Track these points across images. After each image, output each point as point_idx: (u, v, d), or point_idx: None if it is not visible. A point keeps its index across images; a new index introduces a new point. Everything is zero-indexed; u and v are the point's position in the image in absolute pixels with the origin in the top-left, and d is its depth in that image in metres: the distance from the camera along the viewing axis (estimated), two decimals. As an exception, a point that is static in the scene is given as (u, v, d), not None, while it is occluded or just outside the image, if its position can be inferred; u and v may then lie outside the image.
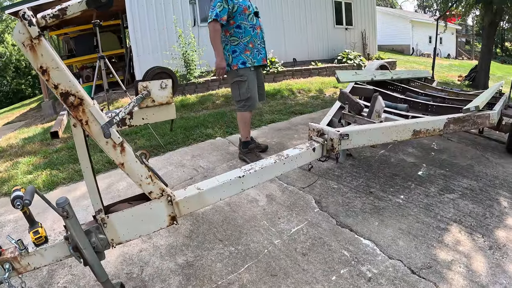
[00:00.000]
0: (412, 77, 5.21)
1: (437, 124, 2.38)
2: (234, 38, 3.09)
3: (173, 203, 1.51)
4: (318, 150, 2.03)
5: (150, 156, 1.78)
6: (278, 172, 1.86)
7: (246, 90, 3.13)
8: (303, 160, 1.97)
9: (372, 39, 12.69)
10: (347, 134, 2.04)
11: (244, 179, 1.67)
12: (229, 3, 2.96)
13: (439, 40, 23.00)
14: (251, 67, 3.11)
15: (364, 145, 2.17)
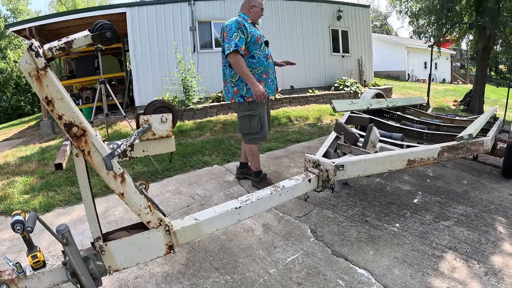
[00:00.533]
0: (408, 105, 5.33)
1: (431, 153, 2.45)
2: (248, 68, 2.99)
3: (170, 233, 1.55)
4: (314, 181, 2.08)
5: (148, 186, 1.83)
6: (275, 203, 1.91)
7: (257, 124, 3.08)
8: (299, 191, 2.01)
9: (368, 66, 12.98)
10: (342, 165, 2.09)
11: (241, 210, 1.72)
12: (244, 32, 2.91)
13: (434, 66, 23.55)
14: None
15: (360, 175, 2.22)
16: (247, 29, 2.94)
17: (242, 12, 3.15)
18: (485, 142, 2.82)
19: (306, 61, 11.44)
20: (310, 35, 11.47)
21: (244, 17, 3.10)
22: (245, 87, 3.04)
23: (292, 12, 11.10)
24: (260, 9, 3.12)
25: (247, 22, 3.05)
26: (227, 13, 10.19)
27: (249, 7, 3.11)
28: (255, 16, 3.13)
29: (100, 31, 1.40)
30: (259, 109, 3.09)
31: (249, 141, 3.20)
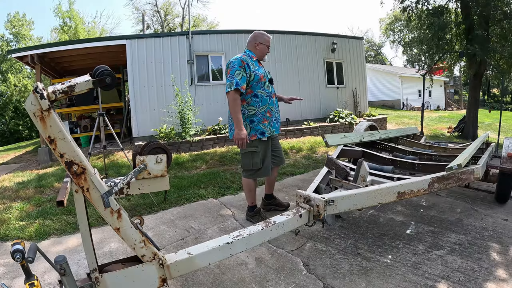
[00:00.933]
0: (401, 135, 5.46)
1: (421, 184, 2.50)
2: (251, 107, 3.03)
3: (164, 266, 1.61)
4: (305, 216, 2.13)
5: (143, 222, 1.90)
6: (266, 238, 1.95)
7: (259, 160, 3.10)
8: (290, 226, 2.06)
9: (362, 97, 13.28)
10: (332, 200, 2.14)
11: (233, 245, 1.77)
12: (247, 70, 2.94)
13: (428, 93, 24.05)
14: (263, 138, 3.08)
15: (350, 209, 2.28)
16: (250, 68, 2.97)
17: (248, 49, 3.21)
18: (475, 170, 2.89)
19: (301, 94, 11.69)
20: (305, 68, 11.83)
21: (250, 54, 3.14)
22: (249, 126, 3.07)
23: (287, 45, 11.53)
24: (266, 46, 3.19)
25: (252, 59, 3.09)
26: (224, 47, 10.57)
27: (255, 44, 3.17)
28: (261, 53, 3.18)
29: (101, 76, 1.50)
30: (261, 146, 3.12)
31: (248, 176, 3.22)
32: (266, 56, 3.25)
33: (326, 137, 3.72)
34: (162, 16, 32.83)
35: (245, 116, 3.07)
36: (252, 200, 3.35)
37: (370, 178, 2.81)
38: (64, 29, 23.77)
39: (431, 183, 2.56)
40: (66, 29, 23.70)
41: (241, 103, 3.01)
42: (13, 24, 26.19)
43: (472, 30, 9.23)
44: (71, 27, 23.51)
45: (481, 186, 4.26)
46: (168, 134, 8.44)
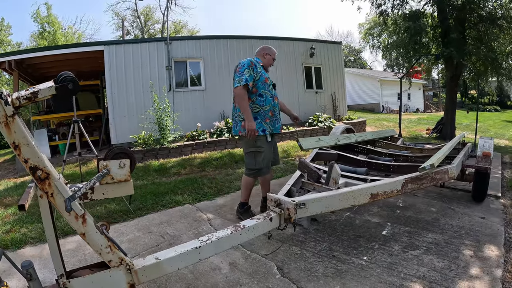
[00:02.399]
0: (378, 138, 5.50)
1: (394, 185, 2.51)
2: (256, 105, 3.24)
3: (131, 272, 1.60)
4: (276, 219, 2.09)
5: (110, 227, 1.82)
6: (235, 242, 1.92)
7: (262, 160, 3.25)
8: (261, 230, 2.02)
9: (341, 101, 13.41)
10: (303, 203, 2.11)
11: (201, 249, 1.74)
12: (254, 71, 3.20)
13: (407, 96, 24.62)
14: (267, 137, 3.26)
15: (322, 212, 2.24)
16: (257, 69, 3.24)
17: (257, 57, 3.51)
18: (450, 170, 2.92)
19: (281, 98, 11.53)
20: (284, 73, 11.88)
21: (258, 61, 3.39)
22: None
23: (266, 50, 11.51)
24: (272, 58, 3.53)
25: (259, 64, 3.35)
26: (203, 53, 10.52)
27: (264, 54, 3.51)
28: (267, 62, 3.50)
29: (63, 83, 1.52)
30: (266, 146, 3.26)
31: (249, 174, 3.38)
32: (270, 66, 3.57)
33: (300, 140, 3.68)
34: (143, 22, 32.51)
35: None
36: (245, 198, 3.49)
37: (343, 181, 2.79)
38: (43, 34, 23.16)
39: (405, 184, 2.56)
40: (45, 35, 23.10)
41: None
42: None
43: (448, 33, 9.41)
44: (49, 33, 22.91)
45: (458, 186, 4.31)
46: (147, 140, 8.31)
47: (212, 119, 9.90)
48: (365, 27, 34.39)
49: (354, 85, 25.45)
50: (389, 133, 6.11)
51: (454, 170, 2.96)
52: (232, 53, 10.92)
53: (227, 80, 10.55)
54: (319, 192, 2.45)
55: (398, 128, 8.37)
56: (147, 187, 5.37)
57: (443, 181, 2.99)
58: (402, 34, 10.25)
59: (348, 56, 42.10)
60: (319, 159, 4.05)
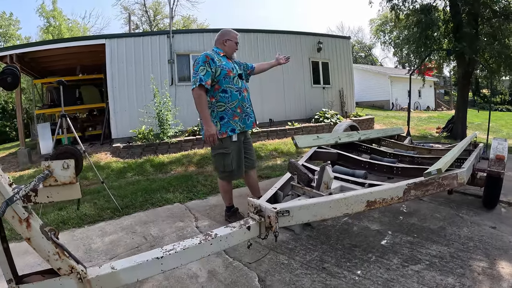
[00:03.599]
0: (383, 136, 5.18)
1: (395, 192, 2.22)
2: (221, 103, 2.93)
3: (83, 281, 1.47)
4: (254, 228, 1.84)
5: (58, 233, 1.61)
6: (205, 253, 1.68)
7: (230, 162, 3.00)
8: (236, 239, 1.77)
9: (349, 97, 13.04)
10: (287, 210, 1.86)
11: (163, 260, 1.56)
12: (211, 66, 2.85)
13: (418, 93, 24.01)
14: (233, 136, 2.99)
15: (309, 220, 1.98)
16: (215, 63, 2.88)
17: (216, 46, 3.13)
18: (459, 175, 2.60)
19: (286, 94, 11.44)
20: (290, 67, 11.52)
21: (217, 51, 3.05)
22: (219, 123, 2.95)
23: (271, 44, 11.24)
24: (234, 43, 3.11)
25: (219, 55, 3.00)
26: (206, 46, 10.25)
27: (223, 41, 3.09)
28: (229, 49, 3.10)
29: (1, 76, 1.48)
30: (232, 147, 3.01)
31: (222, 178, 3.17)
32: (235, 54, 3.18)
33: (296, 138, 3.40)
34: (151, 16, 32.40)
35: (214, 113, 2.96)
36: (228, 201, 3.29)
37: (339, 184, 2.51)
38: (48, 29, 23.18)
39: (407, 190, 2.27)
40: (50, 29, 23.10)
41: (210, 100, 2.94)
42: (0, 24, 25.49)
43: (461, 28, 9.01)
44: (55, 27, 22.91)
45: (468, 190, 3.94)
46: (146, 135, 8.18)
47: None
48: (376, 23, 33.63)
49: (364, 82, 24.91)
50: (396, 131, 5.78)
51: (464, 175, 2.64)
52: (236, 46, 10.64)
53: (231, 74, 10.36)
54: (309, 198, 2.18)
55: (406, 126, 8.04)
56: (140, 184, 5.21)
57: (451, 188, 2.68)
58: (413, 29, 9.84)
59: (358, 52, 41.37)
60: (317, 158, 3.77)
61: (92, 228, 3.43)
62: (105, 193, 4.41)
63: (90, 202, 4.28)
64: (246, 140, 3.25)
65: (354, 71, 26.26)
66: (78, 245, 2.99)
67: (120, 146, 8.21)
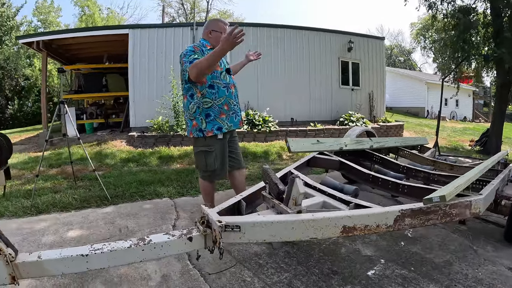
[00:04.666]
0: (402, 146, 4.68)
1: (382, 218, 1.81)
2: (207, 99, 2.72)
3: (10, 264, 1.42)
4: (198, 240, 1.60)
5: None
6: (136, 258, 1.53)
7: (213, 161, 2.79)
8: (174, 249, 1.58)
9: (380, 101, 12.29)
10: (238, 226, 1.57)
11: (89, 258, 1.47)
12: (199, 56, 2.61)
13: (455, 102, 22.55)
14: (219, 135, 2.77)
15: (266, 241, 1.66)
16: (204, 53, 2.65)
17: (203, 38, 2.90)
18: (474, 203, 2.10)
19: (312, 93, 10.96)
20: (318, 66, 11.06)
21: (204, 43, 2.82)
22: (204, 121, 2.74)
23: (298, 41, 10.80)
24: (221, 34, 2.77)
25: (206, 48, 2.76)
26: (230, 40, 10.02)
27: (208, 32, 2.85)
28: (215, 42, 2.76)
29: None
30: (216, 145, 2.78)
31: (204, 178, 2.93)
32: None
33: (289, 141, 3.02)
34: (188, 9, 32.73)
35: (200, 110, 2.74)
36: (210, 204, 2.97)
37: (321, 200, 2.14)
38: (82, 17, 24.01)
39: (400, 218, 1.85)
40: (84, 18, 23.90)
41: (196, 95, 2.73)
42: (40, 11, 26.71)
43: (501, 33, 8.15)
44: (89, 16, 23.68)
45: (491, 216, 3.35)
46: (161, 126, 8.16)
47: None
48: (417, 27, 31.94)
49: (399, 86, 23.75)
50: (419, 141, 5.24)
51: (481, 204, 2.14)
52: (262, 42, 10.31)
53: (254, 69, 10.03)
54: (276, 212, 1.85)
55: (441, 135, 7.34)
56: (139, 175, 5.13)
57: (462, 218, 2.22)
58: (450, 32, 9.04)
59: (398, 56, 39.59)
60: (316, 165, 3.39)
61: (77, 214, 3.46)
62: (102, 180, 4.35)
63: (85, 189, 4.32)
64: (231, 139, 3.03)
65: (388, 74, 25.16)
66: (57, 230, 3.03)
67: (135, 135, 8.21)
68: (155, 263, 2.33)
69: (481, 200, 2.14)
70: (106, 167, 5.98)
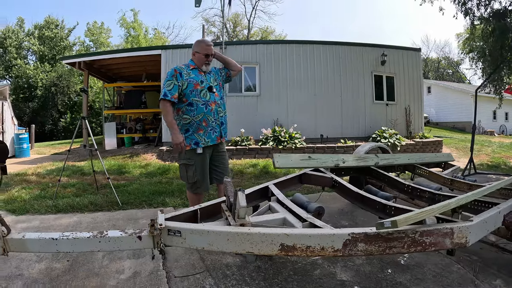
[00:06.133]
0: (418, 163, 4.39)
1: (328, 240, 1.69)
2: (186, 116, 2.94)
3: (2, 239, 1.75)
4: (146, 240, 1.76)
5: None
6: (94, 247, 1.78)
7: (193, 174, 2.97)
8: (125, 245, 1.77)
9: (417, 116, 11.62)
10: (179, 231, 1.71)
11: (58, 242, 1.76)
12: (178, 80, 2.88)
13: (505, 116, 20.75)
14: (198, 149, 2.95)
15: (205, 248, 1.75)
16: (183, 76, 2.91)
17: (190, 58, 3.13)
18: (457, 231, 1.81)
19: (344, 109, 10.73)
20: (349, 81, 10.83)
21: (189, 64, 3.07)
22: (184, 135, 2.95)
23: (329, 55, 10.72)
24: (203, 55, 3.02)
25: (188, 68, 3.00)
26: (259, 58, 10.26)
27: (193, 53, 3.09)
28: (198, 62, 3.05)
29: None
30: (196, 158, 2.96)
31: (188, 189, 3.12)
32: (205, 65, 3.07)
33: (275, 156, 2.99)
34: (230, 27, 33.90)
35: (180, 125, 2.97)
36: None
37: (283, 216, 2.09)
38: (128, 39, 25.82)
39: (350, 242, 1.70)
40: (130, 39, 25.70)
41: (177, 112, 2.99)
42: (92, 32, 29.55)
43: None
44: (134, 37, 25.41)
45: (509, 245, 2.85)
46: None
47: (265, 125, 9.59)
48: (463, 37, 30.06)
49: (443, 100, 22.40)
50: (441, 158, 4.89)
51: (468, 233, 1.82)
52: (291, 58, 10.41)
53: (283, 86, 10.16)
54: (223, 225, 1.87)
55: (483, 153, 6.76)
56: (154, 186, 5.44)
57: (441, 248, 1.85)
58: (487, 38, 8.41)
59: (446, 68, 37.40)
60: (309, 182, 3.29)
61: (88, 215, 3.92)
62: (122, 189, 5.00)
63: (104, 195, 4.80)
64: (217, 153, 3.17)
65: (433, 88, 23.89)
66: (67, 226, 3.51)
67: (164, 149, 8.59)
68: (133, 261, 2.61)
69: (469, 227, 1.83)
70: (131, 177, 6.40)
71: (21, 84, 25.95)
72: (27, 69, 25.73)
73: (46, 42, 28.24)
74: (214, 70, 3.23)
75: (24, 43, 28.48)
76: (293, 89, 10.31)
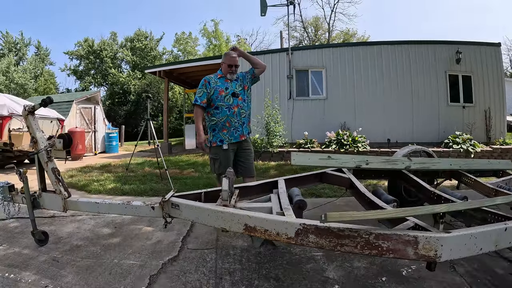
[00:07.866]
0: (463, 169, 4.10)
1: (282, 227, 1.86)
2: (213, 118, 3.48)
3: (63, 200, 2.69)
4: (157, 210, 2.39)
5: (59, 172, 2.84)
6: (121, 211, 2.56)
7: (218, 166, 3.48)
8: (143, 212, 2.47)
9: (499, 119, 10.20)
10: (177, 205, 2.29)
11: (99, 205, 2.59)
12: (207, 88, 3.43)
13: None
14: (223, 146, 3.44)
15: (193, 221, 2.30)
16: (211, 84, 3.44)
17: (220, 68, 3.63)
18: (422, 241, 1.62)
19: (415, 112, 10.15)
20: (421, 82, 10.18)
21: (218, 73, 3.57)
22: (211, 134, 3.54)
23: (397, 56, 10.28)
24: (227, 65, 3.48)
25: (217, 77, 3.52)
26: (325, 62, 10.39)
27: (221, 63, 3.60)
28: (224, 71, 3.54)
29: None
30: (221, 154, 3.47)
31: (216, 180, 3.68)
32: (229, 74, 3.50)
33: (293, 155, 3.21)
34: (312, 32, 33.99)
35: (209, 125, 3.56)
36: None
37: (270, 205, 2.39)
38: (210, 47, 27.57)
39: (302, 232, 1.80)
40: (211, 48, 27.41)
41: (207, 115, 3.56)
42: (179, 42, 32.55)
43: None
44: (216, 46, 27.00)
45: None
46: (255, 142, 9.05)
47: (332, 129, 9.69)
48: None
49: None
50: (496, 165, 4.34)
51: (438, 246, 1.62)
52: (358, 61, 10.29)
53: (350, 90, 10.17)
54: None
55: None
56: (211, 179, 5.98)
57: (403, 257, 1.70)
58: None
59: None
60: (328, 181, 3.50)
61: (144, 199, 4.81)
62: (182, 180, 6.03)
63: (165, 185, 5.69)
64: (242, 150, 3.59)
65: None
66: None
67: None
68: (161, 233, 3.33)
69: (441, 240, 1.60)
70: (196, 172, 7.26)
71: (116, 90, 30.78)
72: (120, 77, 30.48)
73: (137, 53, 33.11)
74: (241, 75, 3.62)
75: (118, 54, 33.55)
76: (360, 92, 10.21)
